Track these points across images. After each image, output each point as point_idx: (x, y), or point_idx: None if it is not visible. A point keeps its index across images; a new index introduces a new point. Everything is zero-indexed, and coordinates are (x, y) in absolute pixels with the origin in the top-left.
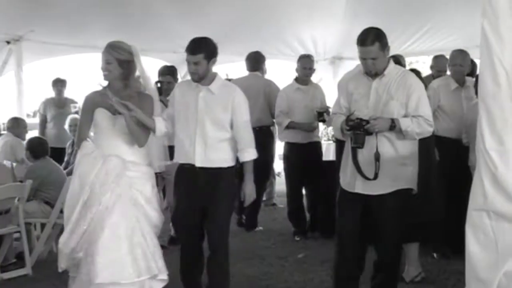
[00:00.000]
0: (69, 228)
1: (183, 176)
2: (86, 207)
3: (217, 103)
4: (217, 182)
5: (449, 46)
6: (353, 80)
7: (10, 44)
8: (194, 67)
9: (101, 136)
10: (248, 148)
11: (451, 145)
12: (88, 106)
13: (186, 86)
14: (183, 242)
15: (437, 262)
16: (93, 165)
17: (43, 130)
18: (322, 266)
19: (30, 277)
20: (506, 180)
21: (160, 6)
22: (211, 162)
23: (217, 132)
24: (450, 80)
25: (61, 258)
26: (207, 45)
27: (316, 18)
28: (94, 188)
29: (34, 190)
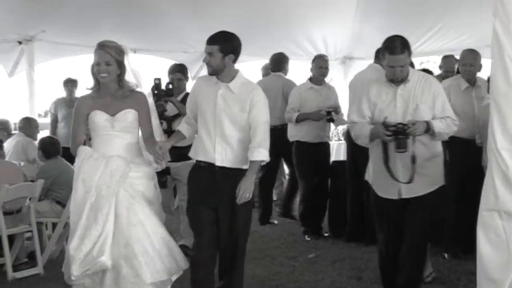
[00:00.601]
0: (79, 234)
1: (200, 174)
2: (95, 210)
3: (236, 102)
4: (236, 184)
5: (460, 46)
6: (374, 89)
7: (22, 45)
8: (208, 58)
9: (99, 138)
10: (260, 148)
11: (462, 146)
12: (81, 111)
13: (206, 81)
14: (197, 238)
15: (448, 262)
16: (96, 167)
17: (54, 129)
18: (333, 266)
19: (41, 277)
20: None
21: (170, 6)
22: (231, 162)
23: (237, 132)
24: (460, 80)
25: (74, 265)
26: (225, 38)
27: (327, 18)
28: (101, 190)
29: (45, 189)
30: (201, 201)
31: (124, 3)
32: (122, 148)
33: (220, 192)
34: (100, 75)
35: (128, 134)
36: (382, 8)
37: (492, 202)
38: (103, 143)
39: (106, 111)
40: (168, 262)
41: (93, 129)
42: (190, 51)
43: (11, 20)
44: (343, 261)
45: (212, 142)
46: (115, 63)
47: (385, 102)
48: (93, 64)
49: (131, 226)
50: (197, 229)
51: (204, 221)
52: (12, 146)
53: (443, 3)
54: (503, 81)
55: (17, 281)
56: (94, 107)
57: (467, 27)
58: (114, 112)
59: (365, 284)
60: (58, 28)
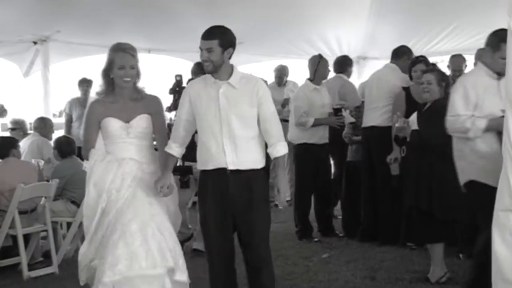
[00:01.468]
0: (88, 239)
1: (211, 183)
2: (104, 214)
3: (241, 98)
4: (251, 186)
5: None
6: (477, 82)
7: (37, 45)
8: (207, 54)
9: (114, 146)
10: (280, 142)
11: None
12: (93, 118)
13: (201, 84)
14: (214, 256)
15: (463, 263)
16: (108, 170)
17: (69, 129)
18: (347, 266)
19: (56, 276)
20: None
21: (183, 6)
22: (243, 164)
23: (245, 130)
24: None
25: (81, 271)
26: (223, 32)
27: (341, 18)
28: (111, 195)
29: (60, 189)
30: (218, 214)
31: (138, 3)
32: (138, 153)
33: (236, 199)
34: (124, 79)
35: (144, 140)
36: (396, 9)
37: (507, 202)
38: (119, 150)
39: (120, 118)
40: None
41: (106, 137)
42: None
43: (26, 21)
44: (357, 261)
45: (219, 146)
46: (137, 66)
47: (490, 94)
48: (111, 67)
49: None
50: (213, 250)
51: (223, 237)
52: (27, 146)
53: (457, 3)
54: None
55: (32, 280)
56: (107, 114)
57: (482, 27)
58: (129, 118)
59: (379, 284)
60: (72, 28)
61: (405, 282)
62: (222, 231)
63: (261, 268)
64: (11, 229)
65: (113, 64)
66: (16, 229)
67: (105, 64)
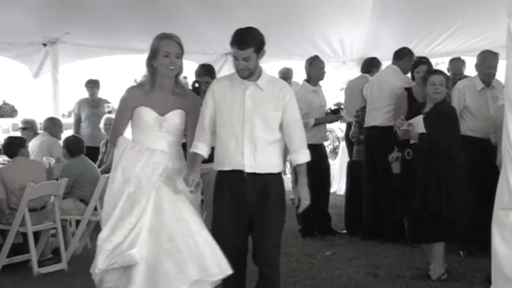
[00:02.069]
0: (111, 224)
1: (227, 185)
2: (132, 201)
3: (267, 101)
4: (268, 190)
5: (476, 47)
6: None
7: (47, 47)
8: (244, 63)
9: (144, 136)
10: (303, 149)
11: (477, 145)
12: (128, 104)
13: (227, 83)
14: (228, 254)
15: (463, 260)
16: (138, 158)
17: (78, 129)
18: (350, 263)
19: (66, 272)
20: None
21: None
22: (261, 167)
23: (267, 134)
24: (476, 80)
25: (101, 256)
26: (256, 37)
27: (344, 20)
28: (141, 182)
29: (69, 187)
30: (233, 217)
31: (145, 6)
32: (166, 147)
33: (252, 202)
34: (169, 67)
35: (174, 136)
36: (397, 10)
37: (507, 201)
38: (147, 141)
39: (155, 109)
40: (210, 264)
41: (137, 126)
42: (209, 53)
43: (36, 23)
44: (359, 258)
45: (239, 147)
46: (182, 56)
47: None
48: (156, 55)
49: (174, 221)
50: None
51: (236, 241)
52: (37, 145)
53: (458, 5)
54: None
55: (42, 276)
56: (143, 102)
57: (483, 29)
58: (164, 111)
59: (381, 281)
60: (81, 31)
61: (406, 279)
62: (237, 232)
63: (266, 274)
64: (21, 226)
65: (158, 52)
66: (26, 226)
67: (149, 53)
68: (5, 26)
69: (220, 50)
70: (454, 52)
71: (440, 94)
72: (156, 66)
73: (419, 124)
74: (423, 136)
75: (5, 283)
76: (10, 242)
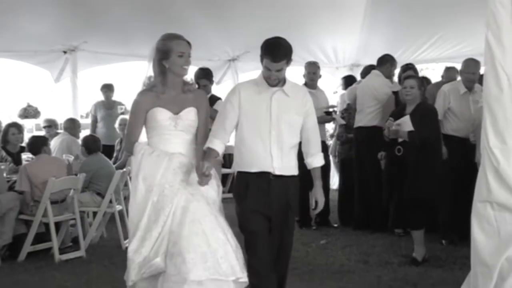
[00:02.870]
0: (139, 235)
1: (252, 186)
2: (157, 210)
3: (292, 106)
4: (288, 191)
5: (457, 54)
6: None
7: (66, 54)
8: (276, 74)
9: (160, 138)
10: (320, 153)
11: (459, 143)
12: (141, 107)
13: (254, 87)
14: (259, 257)
15: (445, 248)
16: (158, 164)
17: (95, 129)
18: (342, 251)
19: (84, 259)
20: (507, 175)
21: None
22: (286, 170)
23: (291, 137)
24: (459, 85)
25: (132, 270)
26: (287, 49)
27: (337, 29)
28: (164, 189)
29: (87, 182)
30: (260, 216)
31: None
32: (183, 146)
33: (275, 202)
34: (183, 66)
35: (189, 134)
36: (386, 21)
37: (485, 194)
38: (164, 142)
39: (169, 109)
40: (222, 263)
41: (153, 128)
42: (214, 59)
43: (57, 33)
44: (351, 247)
45: (267, 150)
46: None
47: None
48: (168, 56)
49: (182, 224)
50: (254, 242)
51: (265, 238)
52: (58, 144)
53: (441, 16)
54: (495, 86)
55: (63, 262)
56: (157, 104)
57: (463, 37)
58: (178, 109)
59: (371, 267)
60: (97, 40)
61: (394, 265)
62: (262, 232)
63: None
64: (44, 217)
65: (170, 52)
66: (48, 217)
67: (159, 53)
68: (29, 35)
69: (224, 57)
70: (437, 59)
71: (410, 96)
72: (168, 67)
73: (406, 124)
74: (412, 133)
75: (30, 269)
76: (34, 231)
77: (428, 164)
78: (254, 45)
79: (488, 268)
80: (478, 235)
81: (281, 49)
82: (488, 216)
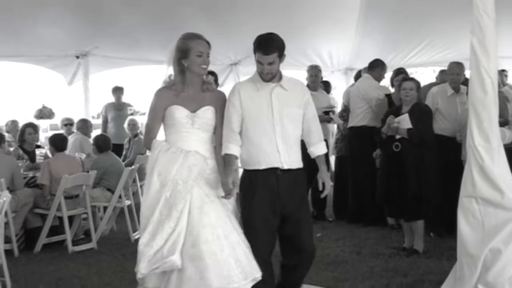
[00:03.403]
0: (151, 229)
1: (260, 182)
2: (170, 205)
3: (291, 99)
4: (297, 184)
5: (445, 59)
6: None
7: (79, 59)
8: (269, 67)
9: (178, 135)
10: (322, 142)
11: (446, 142)
12: (160, 104)
13: (252, 86)
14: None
15: (433, 240)
16: (174, 161)
17: (105, 129)
18: (337, 243)
19: (95, 250)
20: (491, 171)
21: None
22: (293, 163)
23: (295, 130)
24: (447, 87)
25: (143, 262)
26: (278, 42)
27: (332, 36)
28: (177, 185)
29: (98, 179)
30: (269, 212)
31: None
32: (199, 144)
33: (285, 197)
34: (202, 66)
35: (206, 132)
36: (377, 28)
37: (470, 190)
38: (181, 140)
39: (187, 107)
40: (237, 268)
41: (171, 125)
42: (217, 64)
43: (71, 39)
44: (345, 239)
45: (273, 146)
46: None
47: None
48: (187, 55)
49: (200, 226)
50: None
51: (270, 234)
52: (71, 142)
53: (429, 23)
54: (479, 89)
55: (75, 253)
56: (175, 102)
57: (450, 43)
58: (195, 108)
59: (364, 258)
60: (108, 45)
61: (385, 256)
62: (269, 230)
63: (306, 261)
64: (58, 211)
65: (189, 51)
66: (62, 211)
67: (179, 52)
68: (44, 41)
69: (226, 62)
70: (426, 63)
71: (409, 97)
72: (187, 66)
73: (404, 122)
74: (412, 131)
75: (45, 259)
76: (49, 224)
77: (425, 160)
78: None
79: (473, 259)
80: (464, 228)
81: (272, 42)
82: (473, 210)
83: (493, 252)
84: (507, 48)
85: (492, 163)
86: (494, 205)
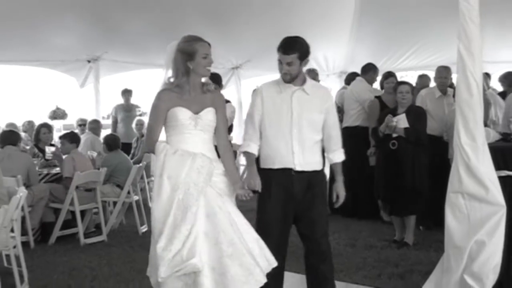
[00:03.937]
0: (167, 233)
1: (275, 182)
2: (184, 208)
3: (312, 104)
4: (314, 187)
5: (433, 63)
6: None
7: (90, 63)
8: (287, 67)
9: (180, 137)
10: (341, 149)
11: (433, 141)
12: (162, 106)
13: (275, 87)
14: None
15: (422, 233)
16: (182, 163)
17: (115, 129)
18: (332, 236)
19: (105, 243)
20: (477, 169)
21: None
22: (308, 165)
23: (313, 134)
24: (435, 89)
25: (162, 266)
26: (301, 45)
27: (328, 41)
28: (189, 188)
29: (108, 175)
30: (282, 213)
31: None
32: (201, 145)
33: (300, 198)
34: (207, 67)
35: (208, 133)
36: (370, 33)
37: (457, 186)
38: (184, 141)
39: (190, 108)
40: (260, 262)
41: (173, 127)
42: (219, 67)
43: (82, 45)
44: (340, 232)
45: (289, 147)
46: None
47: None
48: (193, 57)
49: (228, 225)
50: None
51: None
52: (83, 142)
53: (419, 29)
54: (466, 91)
55: (87, 245)
56: (178, 103)
57: (438, 48)
58: (198, 109)
59: (358, 250)
60: (117, 50)
61: (377, 248)
62: (282, 229)
63: (323, 260)
64: (70, 206)
65: (195, 53)
66: (75, 206)
67: (184, 55)
68: (58, 47)
69: (228, 65)
70: (416, 67)
71: (406, 100)
72: (193, 68)
73: (401, 121)
74: (409, 130)
75: (59, 251)
76: (62, 218)
77: (420, 158)
78: (254, 55)
79: (459, 250)
80: (451, 221)
81: (293, 43)
82: (459, 205)
83: (478, 244)
84: (491, 52)
85: (478, 160)
86: (479, 200)
